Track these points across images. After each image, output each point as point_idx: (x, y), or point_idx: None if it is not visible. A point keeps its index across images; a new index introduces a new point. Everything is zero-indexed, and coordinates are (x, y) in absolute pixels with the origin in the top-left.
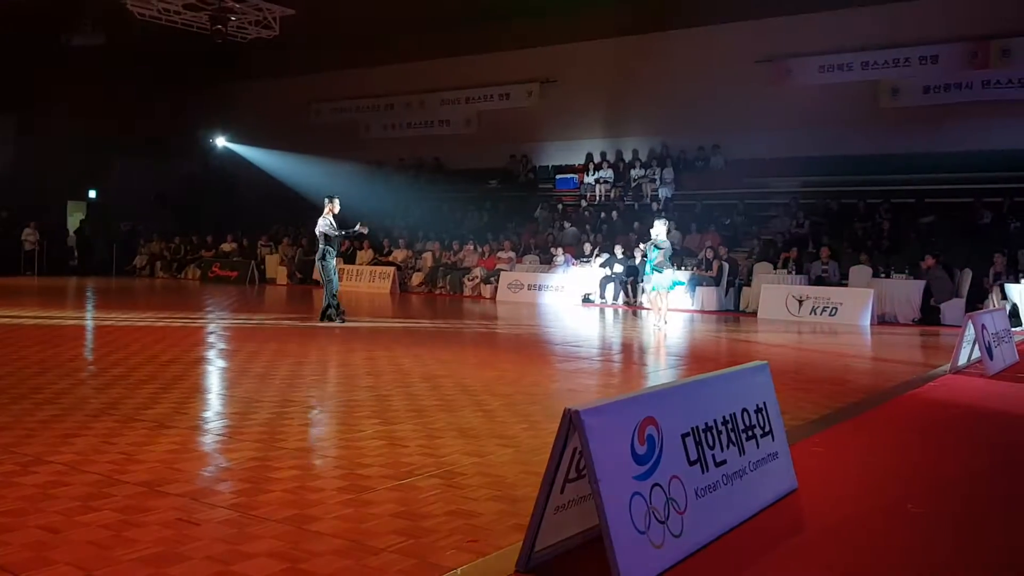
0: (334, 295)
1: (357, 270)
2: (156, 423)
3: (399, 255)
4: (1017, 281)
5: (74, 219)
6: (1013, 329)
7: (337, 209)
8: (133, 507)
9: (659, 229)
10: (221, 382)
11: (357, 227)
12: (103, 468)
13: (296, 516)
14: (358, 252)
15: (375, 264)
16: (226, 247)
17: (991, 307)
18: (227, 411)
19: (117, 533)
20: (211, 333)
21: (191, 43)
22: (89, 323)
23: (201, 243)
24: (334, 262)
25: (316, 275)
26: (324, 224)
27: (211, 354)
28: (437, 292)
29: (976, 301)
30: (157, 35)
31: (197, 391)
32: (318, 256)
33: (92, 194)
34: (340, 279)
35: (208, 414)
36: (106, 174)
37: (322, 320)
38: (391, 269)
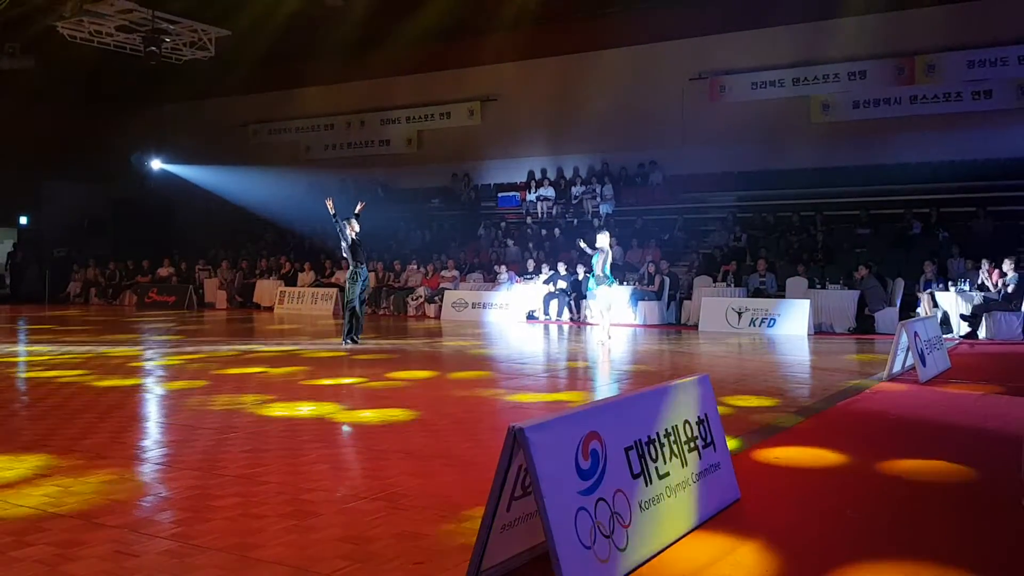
0: (351, 318)
1: (299, 292)
2: (92, 454)
3: (341, 276)
4: (947, 289)
5: (4, 246)
6: (944, 336)
7: (357, 228)
8: (69, 541)
9: (602, 241)
10: (159, 410)
11: (357, 209)
12: (37, 501)
13: (239, 544)
14: (299, 274)
15: (317, 286)
16: (163, 272)
17: (923, 315)
18: (165, 439)
19: (53, 568)
20: (148, 360)
21: (124, 65)
22: (21, 352)
23: (137, 268)
24: (358, 283)
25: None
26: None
27: (148, 382)
28: (381, 313)
29: (908, 309)
30: (89, 57)
31: (134, 420)
32: (348, 276)
33: (23, 220)
34: (282, 302)
35: (146, 443)
36: (37, 199)
37: (347, 342)
38: (334, 291)
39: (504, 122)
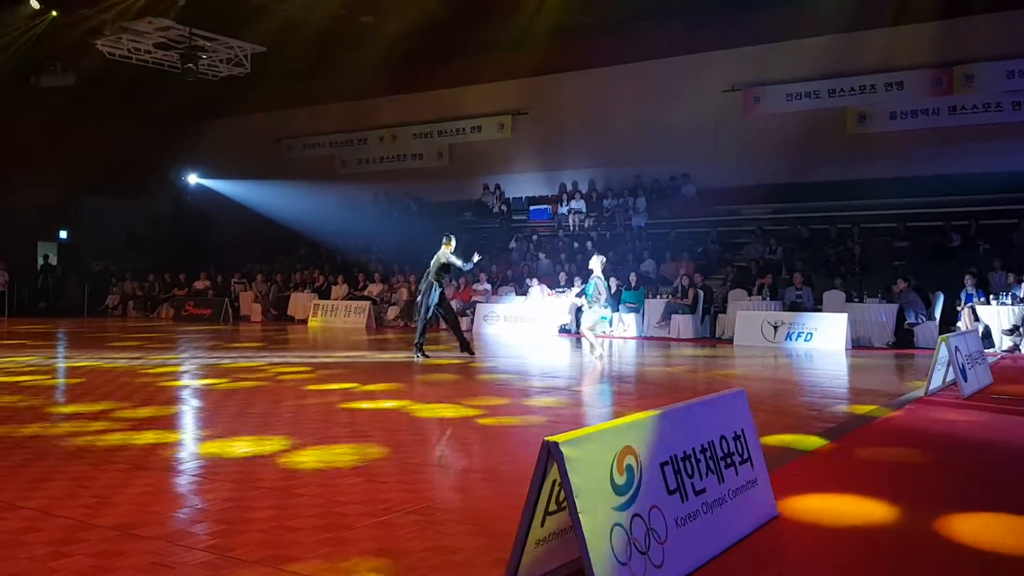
0: (423, 332)
1: (332, 305)
2: (130, 465)
3: (374, 289)
4: (988, 302)
5: (45, 259)
6: (986, 350)
7: (454, 246)
8: (107, 551)
9: (595, 264)
10: (196, 421)
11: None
12: (76, 512)
13: (273, 556)
14: (333, 287)
15: (350, 299)
16: (199, 285)
17: (964, 329)
18: (202, 451)
19: None
20: (186, 372)
21: (162, 81)
22: (60, 364)
23: (174, 281)
24: (437, 297)
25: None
26: (447, 257)
27: (186, 394)
28: (413, 325)
29: (949, 323)
30: (128, 74)
31: (172, 431)
32: (424, 290)
33: (63, 234)
34: (316, 315)
35: (183, 454)
36: (77, 214)
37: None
38: (366, 304)
39: (535, 135)
